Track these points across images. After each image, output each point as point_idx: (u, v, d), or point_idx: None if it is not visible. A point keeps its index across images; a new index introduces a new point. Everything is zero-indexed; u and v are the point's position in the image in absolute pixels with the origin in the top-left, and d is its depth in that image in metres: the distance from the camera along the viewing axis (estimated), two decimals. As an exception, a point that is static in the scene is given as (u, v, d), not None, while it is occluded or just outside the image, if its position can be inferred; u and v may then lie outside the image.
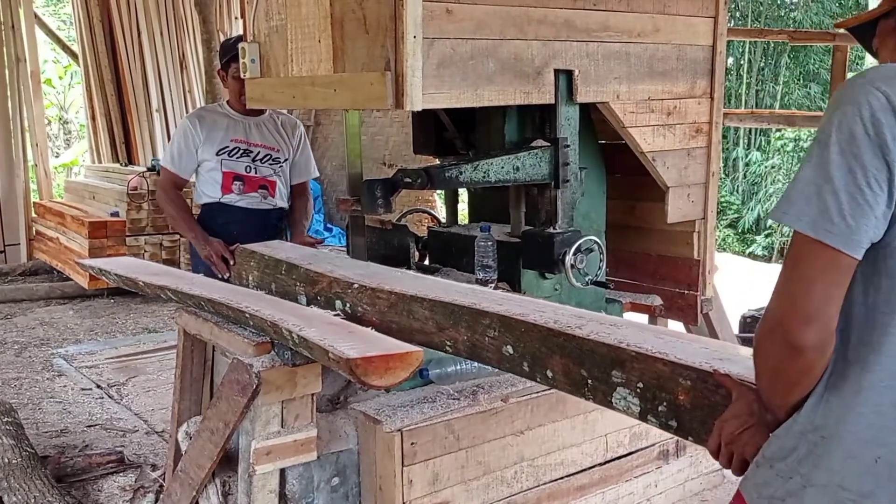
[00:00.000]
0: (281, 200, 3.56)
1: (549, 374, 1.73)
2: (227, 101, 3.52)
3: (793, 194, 1.15)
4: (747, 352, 1.53)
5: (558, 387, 1.75)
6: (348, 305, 2.25)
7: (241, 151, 3.43)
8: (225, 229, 3.39)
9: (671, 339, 1.64)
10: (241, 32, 2.97)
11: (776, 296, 1.17)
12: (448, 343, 1.95)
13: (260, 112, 3.47)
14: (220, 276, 3.22)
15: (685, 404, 1.48)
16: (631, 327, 1.76)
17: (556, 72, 2.53)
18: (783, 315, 1.15)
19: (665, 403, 1.51)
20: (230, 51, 3.38)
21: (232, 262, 3.13)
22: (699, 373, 1.46)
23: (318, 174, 3.74)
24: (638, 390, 1.55)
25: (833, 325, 1.15)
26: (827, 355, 1.16)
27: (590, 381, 1.66)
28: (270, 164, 3.48)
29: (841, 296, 1.14)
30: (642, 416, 1.57)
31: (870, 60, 12.12)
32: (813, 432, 1.19)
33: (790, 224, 1.14)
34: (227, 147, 3.41)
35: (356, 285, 2.25)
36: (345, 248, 3.30)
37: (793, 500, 1.21)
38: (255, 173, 3.46)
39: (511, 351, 1.82)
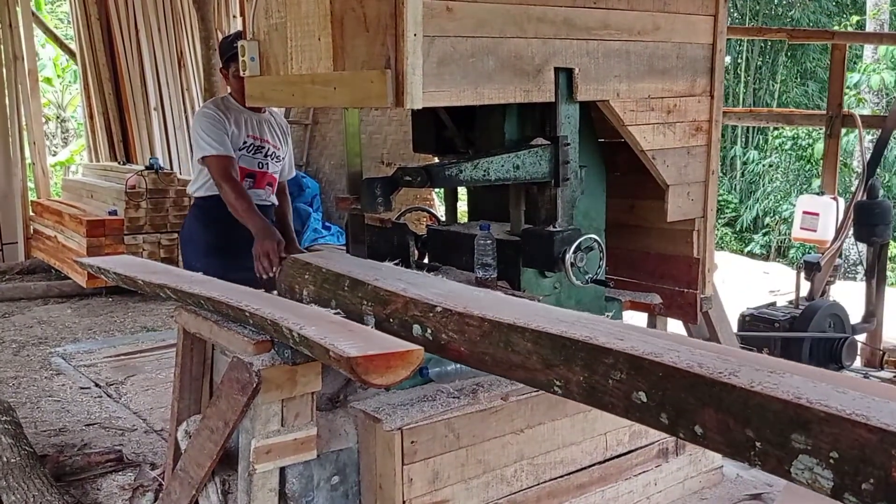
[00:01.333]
0: (274, 197, 3.61)
1: (699, 430, 1.43)
2: (231, 96, 3.50)
3: None
4: None
5: (710, 446, 1.45)
6: (429, 331, 1.97)
7: (256, 148, 3.45)
8: (217, 225, 3.39)
9: (858, 396, 1.36)
10: (239, 29, 2.97)
11: None
12: (558, 383, 1.68)
13: (261, 109, 3.48)
14: (260, 276, 3.14)
15: None
16: (797, 373, 1.47)
17: (557, 70, 2.53)
18: None
19: (872, 480, 1.23)
20: (229, 49, 3.37)
21: (276, 269, 3.01)
22: None
23: (294, 174, 3.78)
24: (831, 461, 1.27)
25: None
26: None
27: (758, 445, 1.36)
28: (275, 162, 3.52)
29: None
30: (836, 494, 1.29)
31: (867, 58, 12.05)
32: None
33: None
34: (247, 143, 3.42)
35: (439, 308, 1.97)
36: (344, 247, 3.29)
37: None
38: (266, 169, 3.48)
39: (644, 399, 1.52)
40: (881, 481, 1.21)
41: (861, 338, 4.77)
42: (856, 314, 4.77)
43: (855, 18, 12.76)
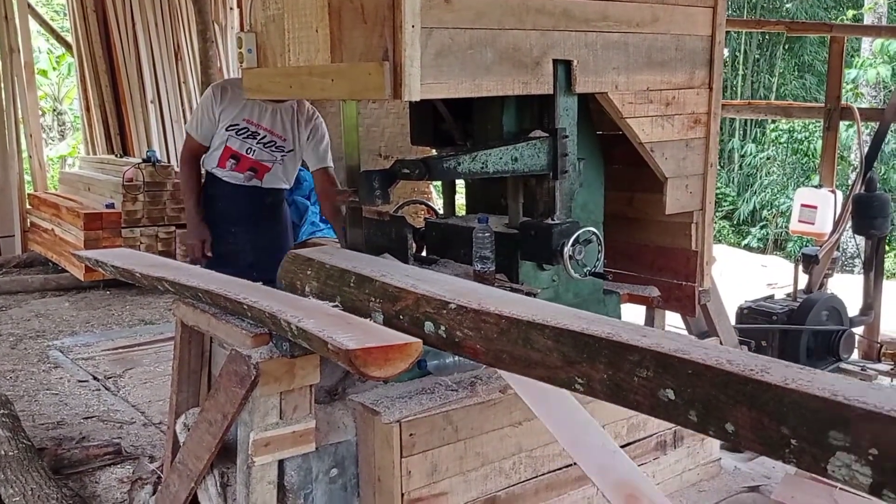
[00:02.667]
0: (275, 183, 3.61)
1: (731, 428, 1.44)
2: None
3: None
4: None
5: (743, 444, 1.45)
6: (443, 328, 1.94)
7: (249, 133, 3.49)
8: (212, 201, 3.56)
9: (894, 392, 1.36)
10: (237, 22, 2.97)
11: None
12: (580, 380, 1.66)
13: (281, 99, 3.47)
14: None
15: None
16: (827, 374, 1.48)
17: (555, 62, 2.52)
18: None
19: None
20: None
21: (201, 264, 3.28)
22: None
23: (332, 164, 3.70)
24: (870, 458, 1.27)
25: None
26: None
27: (793, 442, 1.36)
28: (273, 151, 3.53)
29: None
30: (874, 491, 1.30)
31: (865, 52, 12.03)
32: None
33: None
34: (238, 125, 3.47)
35: (453, 305, 1.94)
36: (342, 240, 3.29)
37: None
38: (253, 156, 3.51)
39: (672, 396, 1.51)
40: None
41: (859, 330, 4.78)
42: (853, 307, 4.78)
43: (851, 13, 12.72)
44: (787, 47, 14.93)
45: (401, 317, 2.07)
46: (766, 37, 14.56)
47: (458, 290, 2.04)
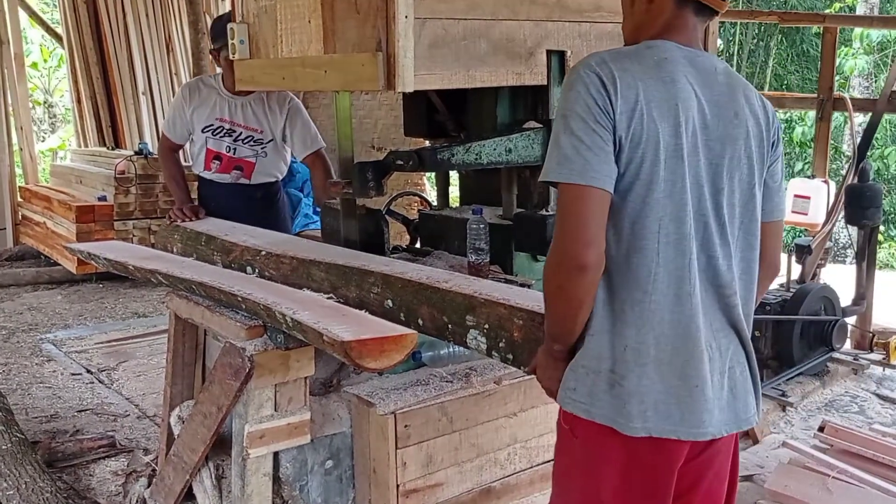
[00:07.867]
0: (263, 178, 3.58)
1: (420, 321, 2.00)
2: (222, 76, 3.47)
3: (557, 158, 1.49)
4: None
5: (427, 332, 2.01)
6: (257, 270, 2.55)
7: (225, 131, 3.46)
8: (208, 202, 3.52)
9: (507, 287, 2.01)
10: (228, 11, 2.95)
11: (560, 235, 1.50)
12: (340, 301, 2.20)
13: (249, 91, 3.44)
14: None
15: (518, 340, 1.78)
16: (483, 281, 2.09)
17: (549, 52, 2.51)
18: (568, 246, 1.48)
19: (504, 341, 1.80)
20: (221, 32, 3.35)
21: (189, 219, 3.27)
22: (530, 313, 1.78)
23: (323, 144, 3.62)
24: (485, 330, 1.83)
25: (603, 245, 1.49)
26: (601, 273, 1.51)
27: (450, 326, 1.91)
28: (251, 146, 3.51)
29: (605, 221, 1.49)
30: (489, 353, 1.83)
31: (857, 42, 12.00)
32: (587, 332, 1.55)
33: (563, 180, 1.48)
34: (212, 125, 3.45)
35: (264, 252, 2.57)
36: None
37: (581, 387, 1.55)
38: (234, 154, 3.50)
39: (391, 304, 2.08)
40: (509, 341, 1.79)
41: (851, 320, 4.79)
42: (846, 297, 4.80)
43: (837, 5, 12.68)
44: (786, 37, 14.92)
45: (233, 265, 2.66)
46: (762, 27, 14.57)
47: (271, 243, 2.70)
